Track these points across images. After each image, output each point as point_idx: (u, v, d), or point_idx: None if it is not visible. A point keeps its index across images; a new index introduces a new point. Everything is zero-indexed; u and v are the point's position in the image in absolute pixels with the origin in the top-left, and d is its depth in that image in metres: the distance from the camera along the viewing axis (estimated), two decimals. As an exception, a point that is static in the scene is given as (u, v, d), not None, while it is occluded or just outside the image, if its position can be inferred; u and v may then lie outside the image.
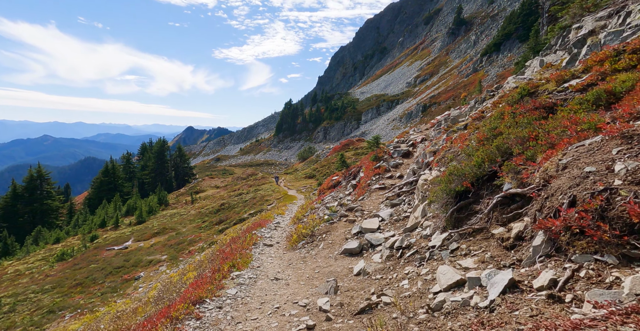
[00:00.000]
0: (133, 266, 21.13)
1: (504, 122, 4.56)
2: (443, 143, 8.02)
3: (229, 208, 35.47)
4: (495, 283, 2.48)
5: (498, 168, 3.96)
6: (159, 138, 71.97)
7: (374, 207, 8.70)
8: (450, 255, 3.98)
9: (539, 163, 3.35)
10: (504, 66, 67.24)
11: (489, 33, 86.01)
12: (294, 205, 25.49)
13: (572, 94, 4.11)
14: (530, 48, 24.86)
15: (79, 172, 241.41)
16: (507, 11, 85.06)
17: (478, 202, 4.28)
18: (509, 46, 68.74)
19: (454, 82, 77.56)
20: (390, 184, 9.98)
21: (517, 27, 67.46)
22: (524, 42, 63.78)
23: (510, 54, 67.61)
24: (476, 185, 4.37)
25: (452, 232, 4.27)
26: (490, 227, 3.76)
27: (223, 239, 22.60)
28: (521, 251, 2.96)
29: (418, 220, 5.82)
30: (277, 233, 10.74)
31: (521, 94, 5.01)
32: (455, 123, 9.89)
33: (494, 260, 3.10)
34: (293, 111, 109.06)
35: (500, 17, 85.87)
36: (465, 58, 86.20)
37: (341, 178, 16.12)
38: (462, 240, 4.06)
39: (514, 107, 4.76)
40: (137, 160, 75.27)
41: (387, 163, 11.50)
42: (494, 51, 70.92)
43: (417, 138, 12.97)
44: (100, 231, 33.86)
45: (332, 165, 45.91)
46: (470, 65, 76.64)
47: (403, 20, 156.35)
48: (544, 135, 3.56)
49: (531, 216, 3.06)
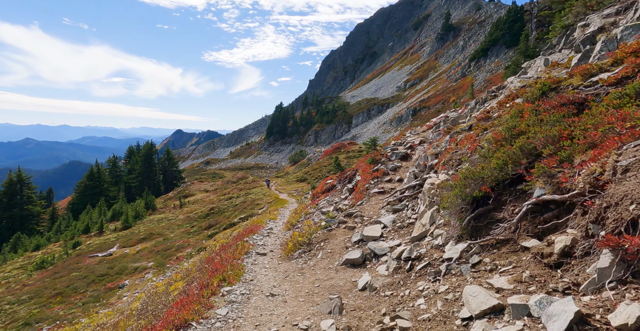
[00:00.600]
0: (117, 274, 20.16)
1: (525, 121, 4.16)
2: (446, 145, 7.63)
3: (218, 213, 34.60)
4: (555, 315, 1.99)
5: (524, 172, 3.53)
6: (147, 141, 70.48)
7: (374, 213, 8.19)
8: (472, 270, 3.52)
9: (578, 165, 2.93)
10: (491, 71, 68.16)
11: (477, 39, 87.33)
12: (285, 209, 24.87)
13: (605, 88, 3.75)
14: (520, 52, 25.06)
15: (63, 176, 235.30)
16: (493, 18, 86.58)
17: (500, 209, 3.84)
18: (496, 52, 69.83)
19: (443, 87, 78.32)
20: (389, 188, 9.54)
21: (504, 33, 68.69)
22: (510, 48, 64.95)
23: (498, 59, 68.62)
24: (497, 190, 3.94)
25: (472, 243, 3.81)
26: (518, 238, 3.31)
27: (213, 245, 21.84)
28: (573, 271, 2.50)
29: (426, 228, 5.36)
30: (271, 240, 10.17)
31: (542, 90, 4.63)
32: (455, 125, 9.54)
33: (537, 281, 2.64)
34: (284, 114, 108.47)
35: (487, 23, 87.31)
36: (454, 63, 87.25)
37: (336, 181, 15.62)
38: (485, 253, 3.61)
39: (536, 104, 4.37)
40: (124, 163, 73.49)
41: (386, 167, 11.08)
42: (481, 56, 71.98)
43: (414, 140, 12.62)
44: (84, 237, 32.56)
45: (323, 168, 45.46)
46: (459, 70, 77.57)
47: (393, 25, 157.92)
48: (581, 133, 3.15)
49: (580, 228, 2.62)
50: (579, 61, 5.83)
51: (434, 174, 6.45)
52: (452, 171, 5.68)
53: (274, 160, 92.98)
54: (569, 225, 2.86)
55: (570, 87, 4.33)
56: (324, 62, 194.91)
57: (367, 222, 7.71)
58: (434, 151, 7.87)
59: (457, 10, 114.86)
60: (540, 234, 3.15)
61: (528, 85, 6.75)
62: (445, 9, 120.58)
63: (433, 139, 10.42)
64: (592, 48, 5.92)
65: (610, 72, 4.09)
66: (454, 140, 7.17)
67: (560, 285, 2.44)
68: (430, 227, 5.37)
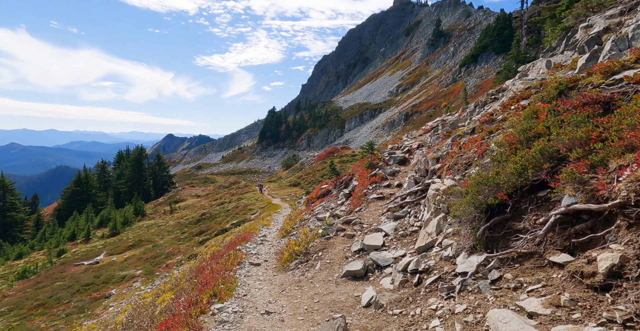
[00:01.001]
0: (104, 282, 19.36)
1: (541, 122, 3.87)
2: (448, 149, 7.33)
3: (210, 218, 33.91)
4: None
5: (548, 177, 3.21)
6: (137, 145, 69.31)
7: (374, 220, 7.81)
8: (492, 287, 3.16)
9: (617, 170, 2.62)
10: (481, 77, 69.07)
11: (467, 45, 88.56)
12: (279, 215, 24.38)
13: (633, 86, 3.47)
14: (512, 57, 25.20)
15: (49, 182, 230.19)
16: (482, 24, 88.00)
17: (519, 218, 3.51)
18: (486, 58, 70.86)
19: (434, 92, 79.04)
20: (389, 193, 9.17)
21: (493, 39, 69.87)
22: (499, 54, 66.04)
23: (487, 65, 69.56)
24: (514, 198, 3.61)
25: (490, 256, 3.46)
26: (545, 252, 2.98)
27: (204, 252, 21.22)
28: (629, 297, 2.14)
29: (433, 237, 5.01)
30: (264, 248, 9.70)
31: (559, 89, 4.36)
32: (455, 128, 9.28)
33: (581, 307, 2.27)
34: (276, 119, 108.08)
35: (477, 30, 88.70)
36: (445, 68, 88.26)
37: (331, 186, 15.22)
38: (505, 268, 3.26)
39: (553, 104, 4.09)
40: (113, 168, 72.04)
41: (384, 171, 10.70)
42: (471, 62, 72.99)
43: (412, 144, 12.33)
44: (70, 244, 31.48)
45: (317, 172, 45.07)
46: (450, 76, 78.49)
47: (384, 31, 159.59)
48: (615, 134, 2.85)
49: (633, 244, 2.29)
50: (587, 61, 5.62)
51: (438, 179, 6.12)
52: (459, 176, 5.36)
53: (267, 165, 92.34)
54: (608, 239, 2.53)
55: (590, 86, 4.07)
56: (316, 67, 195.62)
57: (367, 230, 7.36)
58: (434, 155, 7.56)
59: (447, 17, 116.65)
60: (572, 248, 2.82)
61: (533, 86, 6.51)
62: (435, 15, 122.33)
63: (432, 143, 10.15)
64: (599, 48, 5.73)
65: (635, 69, 3.84)
66: (456, 143, 6.88)
67: (617, 314, 2.08)
68: (437, 236, 5.02)
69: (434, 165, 7.48)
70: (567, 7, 17.17)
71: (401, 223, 6.86)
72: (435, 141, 9.88)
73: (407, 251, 5.46)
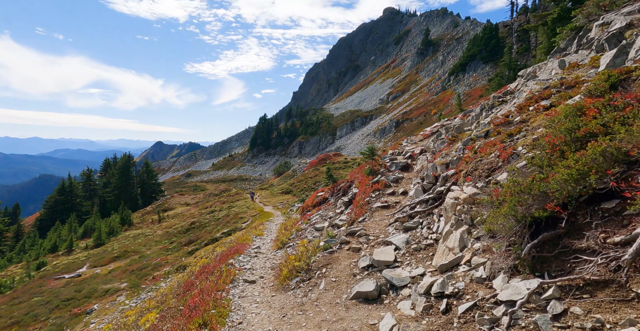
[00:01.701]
0: (85, 297, 18.14)
1: (593, 119, 3.32)
2: (460, 154, 6.77)
3: (200, 227, 32.80)
4: None
5: (623, 184, 2.64)
6: (124, 153, 67.66)
7: (381, 231, 7.13)
8: (556, 323, 2.52)
9: None
10: (470, 85, 70.13)
11: (455, 54, 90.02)
12: (272, 223, 23.54)
13: None
14: (505, 64, 25.30)
15: (32, 191, 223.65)
16: (470, 34, 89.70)
17: (578, 234, 2.92)
18: (474, 66, 72.08)
19: (424, 99, 79.79)
20: (394, 202, 8.53)
21: (481, 49, 71.27)
22: (487, 63, 67.25)
23: (476, 74, 70.67)
24: (569, 209, 3.03)
25: (545, 283, 2.84)
26: (629, 281, 2.37)
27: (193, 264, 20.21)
28: None
29: (457, 254, 4.38)
30: (259, 262, 8.93)
31: (610, 82, 3.85)
32: (461, 133, 8.78)
33: None
34: (268, 126, 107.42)
35: (464, 40, 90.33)
36: (434, 77, 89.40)
37: (328, 194, 14.51)
38: (570, 299, 2.64)
39: (607, 98, 3.56)
40: (100, 176, 70.11)
41: (386, 178, 10.10)
42: (460, 71, 74.19)
43: (414, 150, 11.88)
44: (51, 257, 29.92)
45: (309, 180, 44.36)
46: (439, 84, 79.48)
47: (375, 40, 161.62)
48: None
49: None
50: (614, 57, 5.18)
51: (456, 187, 5.52)
52: (481, 183, 4.78)
53: (258, 172, 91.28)
54: None
55: (648, 78, 3.59)
56: (307, 75, 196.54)
57: (374, 242, 6.70)
58: (443, 161, 7.01)
59: (436, 26, 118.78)
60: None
61: (552, 86, 6.03)
62: (424, 25, 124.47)
63: (436, 148, 9.63)
64: (628, 43, 5.30)
65: None
66: (470, 147, 6.33)
67: None
68: (461, 252, 4.40)
69: (444, 171, 6.91)
70: (559, 15, 17.15)
71: (413, 236, 6.25)
72: (440, 146, 9.36)
73: (426, 269, 4.81)
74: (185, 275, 12.61)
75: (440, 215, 5.94)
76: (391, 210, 8.23)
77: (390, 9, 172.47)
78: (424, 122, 67.20)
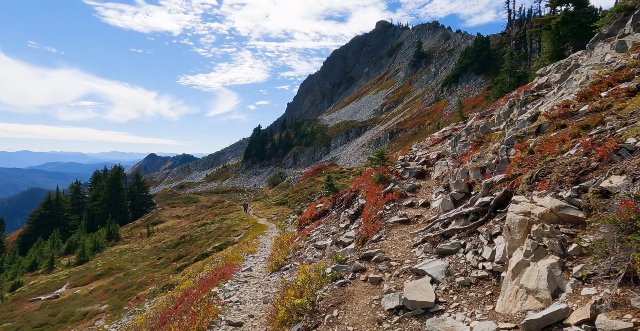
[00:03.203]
0: (61, 322, 16.57)
1: None
2: (504, 155, 5.75)
3: (190, 242, 31.30)
4: None
5: None
6: (115, 165, 65.91)
7: (404, 253, 5.76)
8: None
9: None
10: (463, 96, 70.67)
11: (447, 65, 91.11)
12: (266, 237, 22.28)
13: None
14: (506, 70, 24.95)
15: (20, 205, 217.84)
16: (462, 47, 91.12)
17: None
18: (466, 78, 72.96)
19: (418, 110, 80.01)
20: (414, 216, 7.23)
21: (472, 61, 72.38)
22: (479, 74, 68.12)
23: (468, 85, 71.34)
24: None
25: None
26: None
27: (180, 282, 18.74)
28: None
29: (543, 298, 3.16)
30: (249, 290, 7.65)
31: None
32: (488, 133, 7.84)
33: None
34: (262, 137, 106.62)
35: (456, 52, 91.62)
36: (427, 88, 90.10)
37: (328, 206, 13.34)
38: None
39: None
40: (90, 190, 68.02)
41: (401, 187, 8.87)
42: (453, 82, 75.08)
43: (428, 154, 10.85)
44: (29, 275, 28.08)
45: (304, 190, 43.24)
46: (432, 95, 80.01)
47: (368, 52, 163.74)
48: None
49: None
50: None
51: (521, 197, 4.28)
52: (568, 192, 3.62)
53: (252, 183, 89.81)
54: None
55: None
56: (302, 86, 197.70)
57: (398, 270, 5.25)
58: (476, 165, 6.02)
59: (428, 39, 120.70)
60: None
61: (630, 65, 5.14)
62: (416, 37, 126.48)
63: (458, 152, 8.69)
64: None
65: None
66: (522, 146, 5.33)
67: None
68: (553, 298, 3.08)
69: (481, 177, 5.90)
70: (563, 19, 16.76)
71: (454, 263, 4.90)
72: (462, 149, 8.42)
73: (493, 319, 3.40)
74: (164, 303, 11.06)
75: (492, 234, 4.70)
76: (413, 226, 6.94)
77: (382, 22, 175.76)
78: (419, 132, 67.01)
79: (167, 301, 10.22)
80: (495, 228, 4.87)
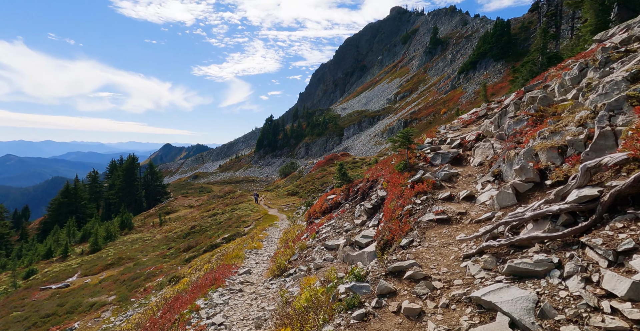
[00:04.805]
0: (68, 313, 16.54)
1: None
2: (605, 125, 4.46)
3: (200, 232, 31.22)
4: None
5: None
6: (129, 154, 66.78)
7: (451, 268, 4.15)
8: None
9: None
10: (480, 83, 67.94)
11: (465, 52, 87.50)
12: (275, 229, 21.76)
13: None
14: (538, 49, 23.28)
15: (44, 194, 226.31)
16: (480, 32, 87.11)
17: None
18: (485, 64, 69.95)
19: (433, 99, 77.50)
20: (456, 212, 5.69)
21: (492, 46, 69.19)
22: (498, 61, 64.98)
23: (486, 71, 68.46)
24: None
25: None
26: None
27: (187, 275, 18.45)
28: None
29: None
30: (242, 304, 6.62)
31: None
32: (551, 105, 6.57)
33: None
34: (274, 127, 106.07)
35: (474, 38, 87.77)
36: (443, 76, 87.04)
37: (341, 197, 12.19)
38: None
39: None
40: (107, 178, 69.31)
41: (433, 175, 7.43)
42: (470, 69, 72.12)
43: (465, 136, 9.12)
44: (44, 263, 28.59)
45: (316, 181, 42.54)
46: (449, 83, 77.22)
47: (381, 40, 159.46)
48: None
49: None
50: None
51: None
52: None
53: (264, 173, 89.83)
54: None
55: None
56: (314, 76, 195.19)
57: (445, 296, 3.61)
58: (548, 143, 4.80)
59: (444, 25, 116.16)
60: None
61: None
62: (432, 24, 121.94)
63: (507, 130, 7.35)
64: None
65: None
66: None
67: None
68: None
69: (555, 159, 4.73)
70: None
71: (549, 296, 3.06)
72: (513, 126, 7.11)
73: None
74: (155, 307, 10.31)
75: (618, 250, 3.03)
76: (456, 227, 5.33)
77: (397, 8, 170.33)
78: (434, 122, 64.85)
79: (159, 304, 9.66)
80: (625, 241, 3.07)
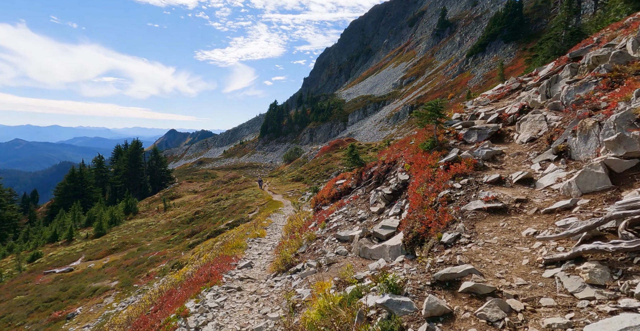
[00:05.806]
0: (70, 297, 16.46)
1: None
2: None
3: (204, 217, 31.04)
4: None
5: None
6: (134, 139, 66.57)
7: (527, 277, 3.15)
8: None
9: None
10: (490, 66, 65.76)
11: (474, 34, 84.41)
12: (279, 215, 21.36)
13: None
14: (560, 23, 22.01)
15: (53, 178, 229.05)
16: (490, 13, 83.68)
17: None
18: (495, 47, 67.42)
19: (440, 83, 75.50)
20: (513, 200, 4.58)
21: (502, 27, 66.40)
22: (509, 43, 62.37)
23: (496, 54, 66.09)
24: None
25: None
26: None
27: (190, 262, 18.25)
28: None
29: None
30: (239, 308, 5.82)
31: None
32: (629, 63, 5.67)
33: None
34: (278, 113, 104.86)
35: (484, 19, 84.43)
36: (451, 59, 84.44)
37: (352, 182, 11.17)
38: None
39: None
40: (112, 163, 69.49)
41: (472, 154, 6.22)
42: (479, 52, 69.54)
43: (504, 109, 7.99)
44: (49, 247, 28.71)
45: (321, 166, 41.98)
46: (456, 66, 74.83)
47: (388, 22, 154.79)
48: None
49: None
50: None
51: None
52: None
53: (269, 159, 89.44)
54: None
55: None
56: (318, 60, 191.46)
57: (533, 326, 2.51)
58: None
59: (453, 6, 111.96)
60: None
61: None
62: (440, 5, 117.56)
63: (567, 98, 6.39)
64: None
65: None
66: None
67: None
68: None
69: None
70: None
71: None
72: (575, 93, 6.15)
73: None
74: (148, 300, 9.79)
75: None
76: (516, 218, 4.25)
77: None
78: (442, 107, 63.29)
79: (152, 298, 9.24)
80: None
